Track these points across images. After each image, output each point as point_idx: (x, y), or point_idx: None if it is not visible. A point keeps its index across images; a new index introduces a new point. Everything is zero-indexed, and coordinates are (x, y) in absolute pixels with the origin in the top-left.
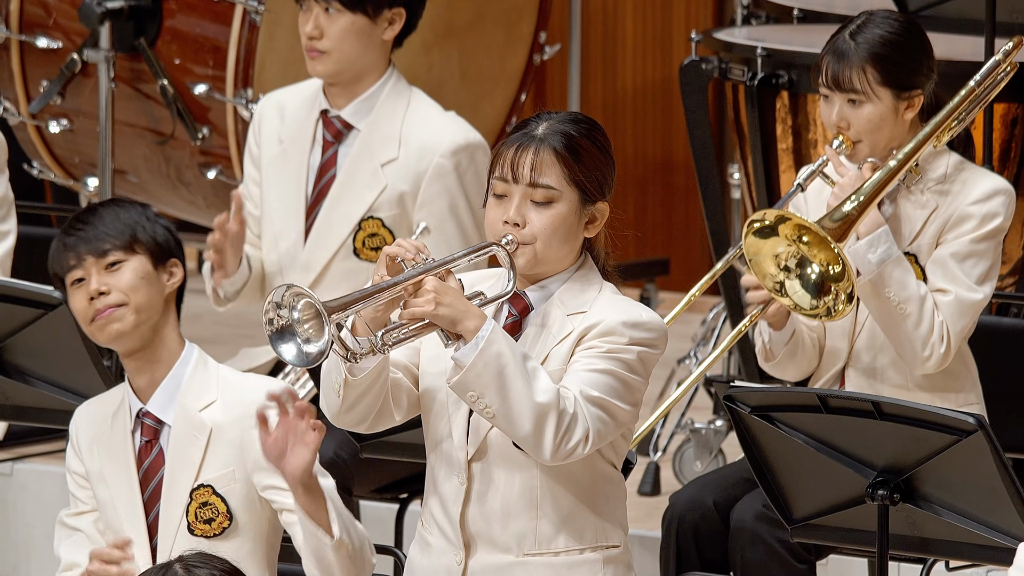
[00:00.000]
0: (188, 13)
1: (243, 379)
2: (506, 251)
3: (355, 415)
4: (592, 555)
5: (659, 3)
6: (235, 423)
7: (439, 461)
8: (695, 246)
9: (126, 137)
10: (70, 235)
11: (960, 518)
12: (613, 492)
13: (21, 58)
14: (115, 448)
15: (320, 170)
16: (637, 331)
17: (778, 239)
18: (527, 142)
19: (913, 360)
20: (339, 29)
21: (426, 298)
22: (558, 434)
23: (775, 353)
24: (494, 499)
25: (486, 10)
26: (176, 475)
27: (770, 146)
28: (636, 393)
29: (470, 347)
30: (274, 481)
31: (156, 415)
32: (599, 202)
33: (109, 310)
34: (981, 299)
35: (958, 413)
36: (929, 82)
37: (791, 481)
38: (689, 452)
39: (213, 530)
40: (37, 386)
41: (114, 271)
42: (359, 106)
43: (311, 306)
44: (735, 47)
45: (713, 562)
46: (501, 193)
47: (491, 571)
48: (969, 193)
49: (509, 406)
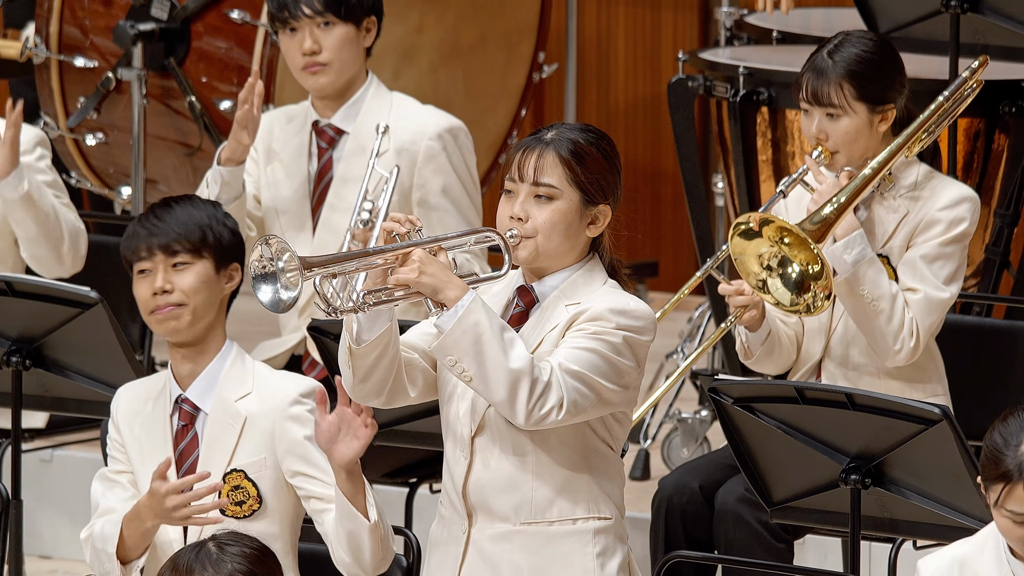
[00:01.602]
0: (214, 35)
1: (277, 375)
2: (501, 237)
3: (369, 387)
4: (584, 525)
5: (648, 25)
6: (268, 414)
7: (450, 440)
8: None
9: (157, 149)
10: (144, 226)
11: (927, 501)
12: (607, 469)
13: (60, 76)
14: (154, 429)
15: (318, 176)
16: (623, 317)
17: (761, 240)
18: (534, 145)
19: (885, 353)
20: (335, 40)
21: (411, 267)
22: (531, 400)
23: (752, 352)
24: (492, 472)
25: (489, 33)
26: (210, 458)
27: (751, 158)
28: (624, 376)
29: (450, 314)
30: (303, 468)
31: (194, 402)
32: (601, 204)
33: (169, 308)
34: (948, 298)
35: (925, 404)
36: (901, 97)
37: (770, 467)
38: (676, 440)
39: (243, 512)
40: (74, 379)
41: (179, 271)
42: (347, 112)
43: (293, 259)
44: (719, 66)
45: (699, 542)
46: (510, 190)
47: (491, 539)
48: (937, 200)
49: (485, 371)
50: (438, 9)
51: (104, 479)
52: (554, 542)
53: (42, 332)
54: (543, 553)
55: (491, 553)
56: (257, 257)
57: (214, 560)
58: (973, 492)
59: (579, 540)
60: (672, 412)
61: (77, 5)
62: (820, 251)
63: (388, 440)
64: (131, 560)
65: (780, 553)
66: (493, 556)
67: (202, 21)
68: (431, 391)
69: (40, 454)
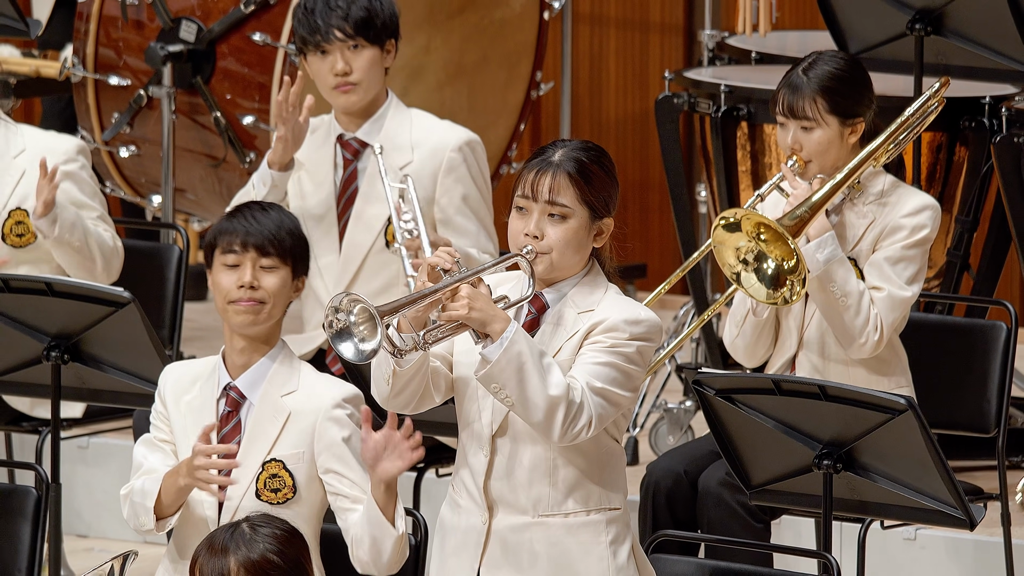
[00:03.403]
0: (237, 56)
1: (323, 378)
2: (527, 260)
3: (402, 400)
4: (597, 516)
5: (637, 47)
6: (311, 413)
7: (469, 438)
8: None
9: (185, 161)
10: (243, 222)
11: (893, 484)
12: (615, 463)
13: (96, 94)
14: (200, 410)
15: (344, 185)
16: (637, 327)
17: (740, 234)
18: (545, 167)
19: (851, 345)
20: (365, 62)
21: (461, 303)
22: (566, 421)
23: (759, 312)
24: (513, 469)
25: (491, 54)
26: (252, 446)
27: (732, 169)
28: (635, 380)
29: (496, 346)
30: (336, 467)
31: (242, 391)
32: (606, 218)
33: (252, 303)
34: (910, 296)
35: (891, 395)
36: (869, 112)
37: (749, 453)
38: (663, 428)
39: (278, 499)
40: (109, 372)
41: (267, 271)
42: (371, 126)
43: (365, 311)
44: (702, 84)
45: (684, 521)
46: (522, 207)
47: (511, 530)
48: (902, 207)
49: (526, 397)
50: (444, 32)
51: (148, 443)
52: (571, 533)
53: (79, 329)
54: (561, 543)
55: (512, 543)
56: (326, 316)
57: (247, 539)
58: (936, 476)
59: (593, 530)
60: (659, 402)
61: (112, 28)
62: (796, 244)
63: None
64: (165, 516)
65: (758, 532)
66: (514, 546)
67: (226, 43)
68: (451, 392)
69: (77, 441)
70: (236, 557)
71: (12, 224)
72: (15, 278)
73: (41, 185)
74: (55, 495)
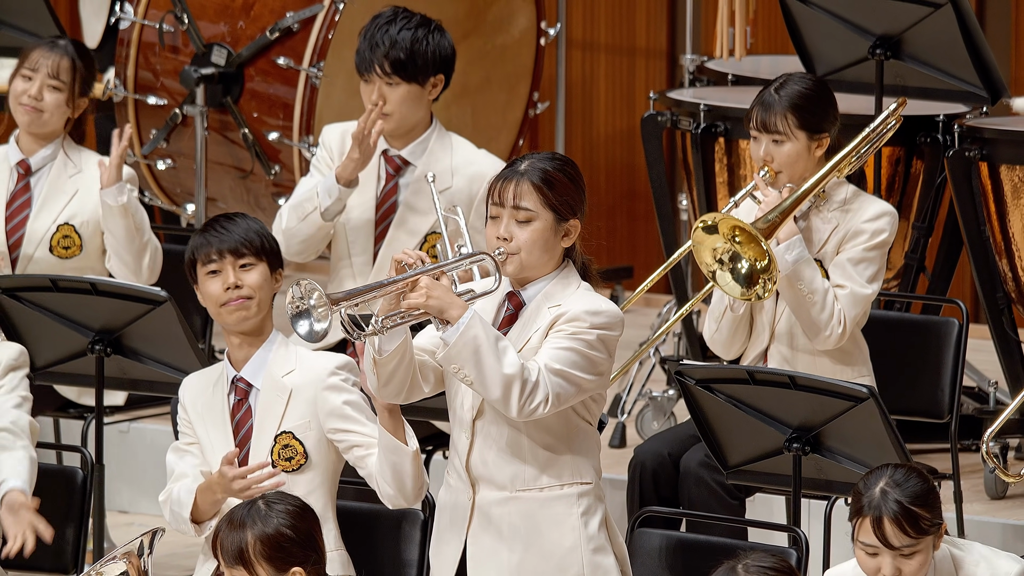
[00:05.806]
0: (264, 77)
1: (315, 354)
2: (493, 258)
3: (391, 389)
4: (569, 490)
5: (625, 70)
6: (309, 385)
7: (455, 423)
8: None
9: (216, 173)
10: (213, 234)
11: (856, 465)
12: (586, 442)
13: (136, 112)
14: (215, 406)
15: (384, 196)
16: (597, 317)
17: (717, 236)
18: (511, 175)
19: (817, 337)
20: (398, 97)
21: (420, 292)
22: (522, 397)
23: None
24: (491, 448)
25: (492, 75)
26: (263, 424)
27: (710, 180)
28: (598, 366)
29: (453, 330)
30: (342, 425)
31: (248, 380)
32: (571, 219)
33: (240, 300)
34: (870, 293)
35: (854, 384)
36: (834, 128)
37: (726, 437)
38: (648, 414)
39: (292, 466)
40: (148, 364)
41: (246, 270)
42: (415, 148)
43: (322, 296)
44: (683, 104)
45: (667, 499)
46: (494, 215)
47: (492, 504)
48: (863, 214)
49: (483, 376)
50: None
51: (177, 450)
52: (545, 505)
53: (120, 325)
54: (536, 515)
55: (493, 516)
56: (290, 298)
57: (263, 515)
58: (895, 458)
59: (566, 502)
60: (644, 391)
61: (150, 52)
62: (768, 245)
63: (406, 416)
64: (203, 521)
65: (734, 508)
66: (495, 518)
67: (254, 66)
68: (440, 385)
69: (119, 427)
70: (253, 531)
71: (60, 237)
72: (63, 279)
73: (113, 155)
74: (99, 475)
